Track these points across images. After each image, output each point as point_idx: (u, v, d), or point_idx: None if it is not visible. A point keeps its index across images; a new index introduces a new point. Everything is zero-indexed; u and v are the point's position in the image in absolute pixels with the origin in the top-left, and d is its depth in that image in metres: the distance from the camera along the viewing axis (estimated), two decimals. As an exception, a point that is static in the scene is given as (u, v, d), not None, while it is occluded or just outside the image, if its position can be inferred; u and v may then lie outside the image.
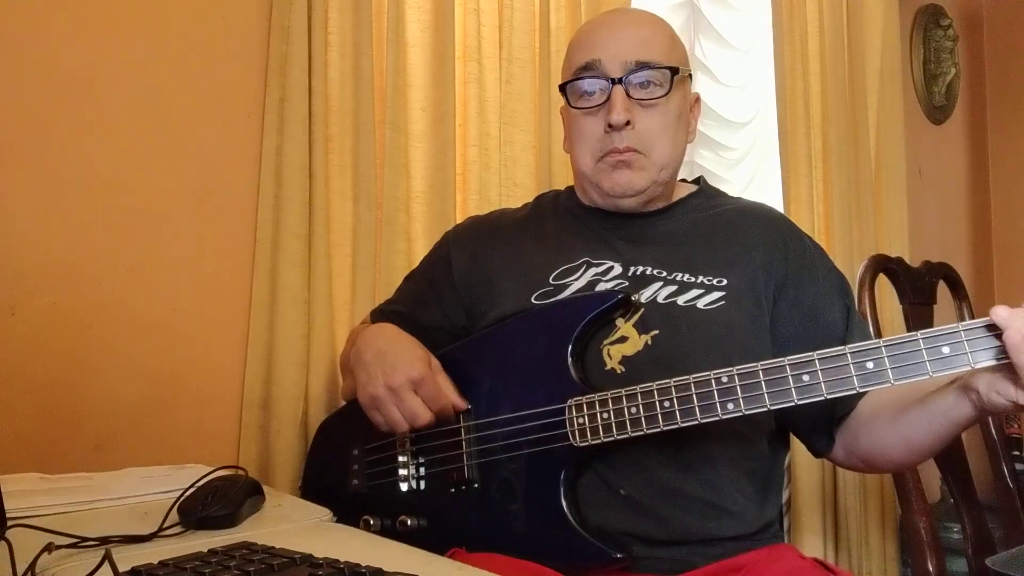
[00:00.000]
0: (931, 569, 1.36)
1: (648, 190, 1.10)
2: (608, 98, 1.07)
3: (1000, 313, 0.79)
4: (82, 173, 1.25)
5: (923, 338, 0.81)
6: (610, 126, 1.06)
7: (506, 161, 1.64)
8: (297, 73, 1.39)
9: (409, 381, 1.02)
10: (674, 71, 1.08)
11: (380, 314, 1.26)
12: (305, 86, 1.39)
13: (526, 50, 1.66)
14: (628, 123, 1.06)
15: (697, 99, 1.19)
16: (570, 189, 1.23)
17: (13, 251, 1.19)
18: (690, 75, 1.16)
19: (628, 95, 1.06)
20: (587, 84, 1.09)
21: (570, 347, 1.00)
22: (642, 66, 1.07)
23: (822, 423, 1.07)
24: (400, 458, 1.10)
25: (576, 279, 1.09)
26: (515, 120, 1.65)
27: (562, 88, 1.12)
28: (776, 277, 1.08)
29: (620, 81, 1.06)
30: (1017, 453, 2.22)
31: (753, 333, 1.05)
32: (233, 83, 1.39)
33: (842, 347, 0.84)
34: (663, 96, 1.08)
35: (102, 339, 1.25)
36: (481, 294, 1.16)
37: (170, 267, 1.33)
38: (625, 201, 1.11)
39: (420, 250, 1.47)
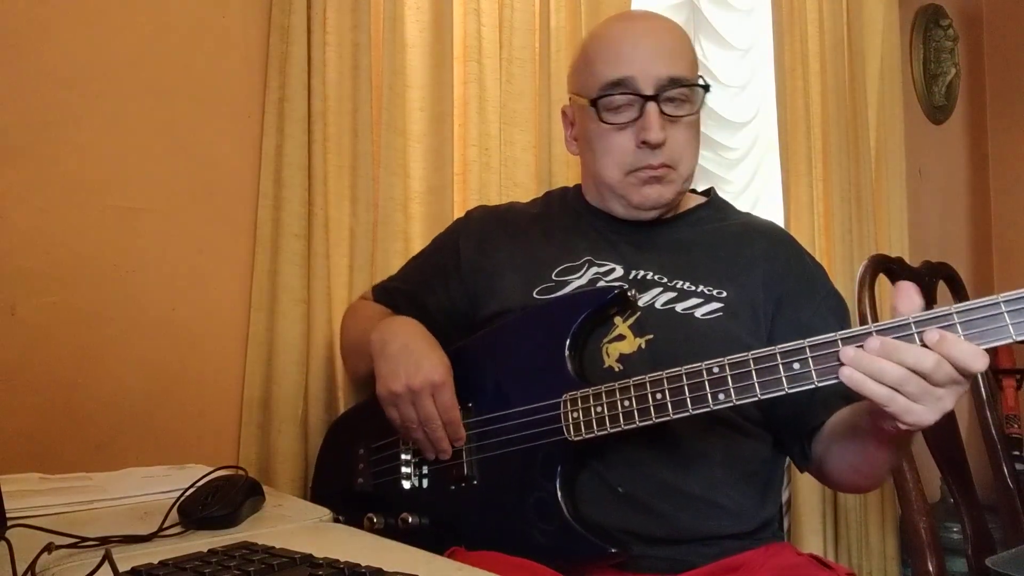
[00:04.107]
0: (931, 569, 1.36)
1: (671, 202, 1.12)
2: (641, 114, 1.06)
3: (847, 353, 0.79)
4: (82, 173, 1.25)
5: (914, 321, 0.79)
6: (644, 143, 1.06)
7: (506, 161, 1.63)
8: (296, 73, 1.38)
9: (430, 385, 1.03)
10: (705, 88, 1.09)
11: (383, 291, 1.28)
12: (304, 86, 1.39)
13: (526, 50, 1.66)
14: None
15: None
16: (578, 187, 1.23)
17: (13, 251, 1.19)
18: None
19: (660, 111, 1.06)
20: (618, 100, 1.08)
21: (568, 342, 1.01)
22: (674, 83, 1.07)
23: (797, 438, 1.05)
24: (403, 456, 1.10)
25: (578, 277, 1.10)
26: (515, 120, 1.65)
27: (593, 103, 1.09)
28: (775, 295, 1.08)
29: (654, 98, 1.06)
30: (1017, 453, 2.23)
31: (748, 347, 1.04)
32: (233, 83, 1.39)
33: (832, 334, 0.83)
34: (694, 114, 1.09)
35: (102, 339, 1.25)
36: (485, 285, 1.17)
37: (170, 267, 1.32)
38: (650, 213, 1.11)
39: (417, 250, 1.46)
